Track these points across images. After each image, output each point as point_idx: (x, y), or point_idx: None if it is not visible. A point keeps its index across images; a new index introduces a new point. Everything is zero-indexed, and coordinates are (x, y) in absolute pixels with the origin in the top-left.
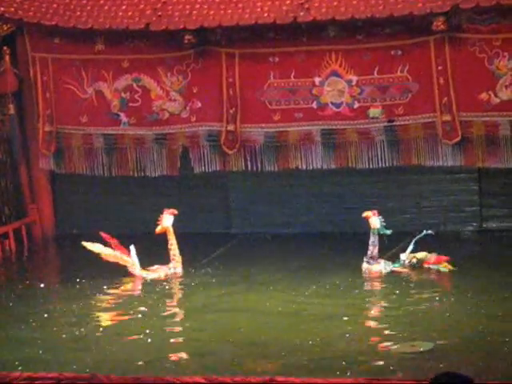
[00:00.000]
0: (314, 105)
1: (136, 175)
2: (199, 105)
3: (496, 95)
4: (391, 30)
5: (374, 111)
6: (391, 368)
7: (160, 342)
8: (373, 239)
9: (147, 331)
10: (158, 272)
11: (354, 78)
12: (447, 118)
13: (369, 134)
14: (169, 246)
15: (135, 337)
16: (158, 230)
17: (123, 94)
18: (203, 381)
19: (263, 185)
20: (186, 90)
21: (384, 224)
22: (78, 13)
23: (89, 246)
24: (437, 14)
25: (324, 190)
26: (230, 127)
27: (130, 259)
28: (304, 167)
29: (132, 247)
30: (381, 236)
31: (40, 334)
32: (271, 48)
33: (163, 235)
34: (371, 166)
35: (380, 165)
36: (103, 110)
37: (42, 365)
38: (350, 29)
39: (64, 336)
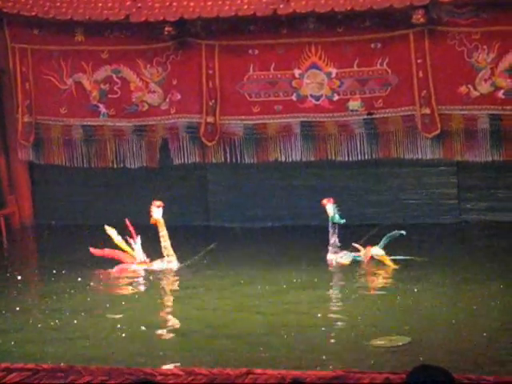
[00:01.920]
0: (294, 97)
1: (115, 167)
2: (179, 97)
3: (475, 89)
4: (371, 23)
5: (354, 104)
6: (371, 362)
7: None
8: (330, 227)
9: (119, 326)
10: (152, 265)
11: (334, 71)
12: (426, 111)
13: (348, 127)
14: (160, 238)
15: (104, 332)
16: (151, 221)
17: (102, 86)
18: (181, 372)
19: (242, 177)
20: (165, 82)
21: (339, 212)
22: (58, 3)
23: (110, 231)
24: (416, 7)
25: (303, 183)
26: (210, 119)
27: (134, 252)
28: (283, 159)
29: (138, 239)
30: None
31: (13, 325)
32: (251, 40)
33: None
34: (350, 159)
35: (359, 157)
36: (82, 102)
37: (15, 356)
38: (329, 21)
39: (38, 327)
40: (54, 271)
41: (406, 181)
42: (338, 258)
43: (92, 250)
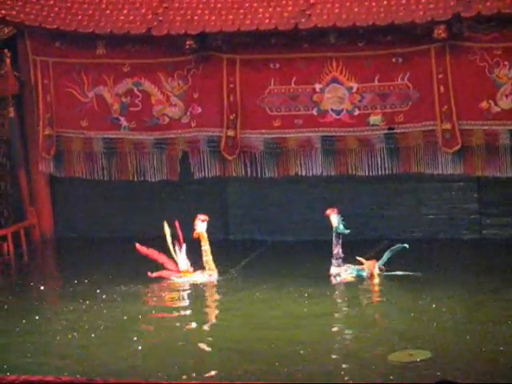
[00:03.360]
0: (315, 111)
1: (136, 180)
2: (199, 110)
3: (496, 104)
4: (392, 38)
5: (375, 118)
6: (391, 378)
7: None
8: (334, 237)
9: (134, 338)
10: (193, 277)
11: (355, 85)
12: (447, 126)
13: (369, 142)
14: (202, 252)
15: (126, 343)
16: (195, 235)
17: (124, 99)
18: None
19: (262, 191)
20: (186, 95)
21: (343, 222)
22: (80, 17)
23: (166, 229)
24: (438, 22)
25: (323, 197)
26: (230, 133)
27: (178, 259)
28: (304, 174)
29: (183, 247)
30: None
31: (31, 338)
32: (272, 54)
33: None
34: (371, 174)
35: (380, 172)
36: (103, 114)
37: (33, 368)
38: (351, 36)
39: (57, 340)
40: (74, 283)
41: (426, 196)
42: (342, 272)
43: (138, 245)
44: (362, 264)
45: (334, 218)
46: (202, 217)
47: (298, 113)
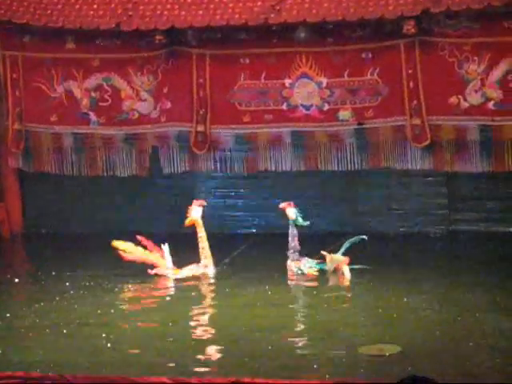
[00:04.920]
0: (284, 106)
1: (105, 175)
2: (169, 105)
3: (465, 99)
4: (362, 33)
5: (344, 114)
6: (361, 371)
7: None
8: (290, 230)
9: (103, 334)
10: (185, 272)
11: (324, 81)
12: (417, 121)
13: (338, 137)
14: (198, 238)
15: (96, 339)
16: (187, 222)
17: (93, 94)
18: (169, 381)
19: (232, 187)
20: (156, 90)
21: (301, 215)
22: (49, 11)
23: (119, 245)
24: (407, 18)
25: (293, 192)
26: (200, 128)
27: (162, 259)
28: (273, 169)
29: (166, 246)
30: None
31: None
32: (242, 49)
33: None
34: (340, 169)
35: (349, 167)
36: (73, 109)
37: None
38: (320, 31)
39: (28, 337)
40: (44, 279)
41: (395, 191)
42: (301, 266)
43: (122, 254)
44: (322, 258)
45: (291, 211)
46: (198, 202)
47: (267, 108)
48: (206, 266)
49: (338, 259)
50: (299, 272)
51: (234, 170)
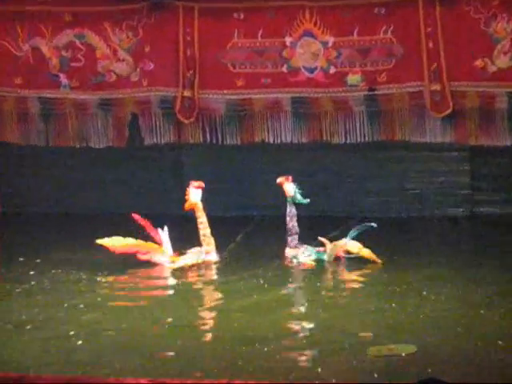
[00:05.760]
0: (284, 69)
1: (77, 146)
2: (151, 66)
3: (493, 62)
4: None
5: (353, 78)
6: (375, 375)
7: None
8: (288, 209)
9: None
10: (185, 259)
11: (331, 40)
12: (436, 87)
13: (346, 104)
14: (198, 225)
15: (64, 336)
16: (186, 206)
17: (64, 53)
18: (147, 382)
19: (223, 161)
20: (136, 49)
21: (300, 191)
22: None
23: (104, 242)
24: None
25: (294, 168)
26: (187, 93)
27: (160, 245)
28: (271, 141)
29: (165, 229)
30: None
31: None
32: (236, 2)
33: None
34: (348, 141)
35: (359, 139)
36: (40, 70)
37: None
38: None
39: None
40: (11, 265)
41: (411, 168)
42: (299, 255)
43: (112, 248)
44: (323, 246)
45: (289, 187)
46: (195, 183)
47: (265, 70)
48: (208, 252)
49: (338, 245)
50: (295, 261)
51: (226, 142)
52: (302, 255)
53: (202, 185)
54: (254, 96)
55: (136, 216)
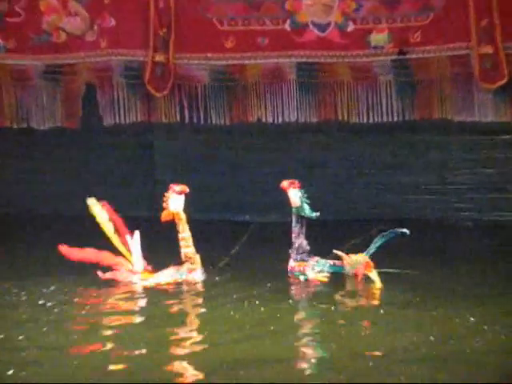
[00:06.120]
0: (287, 26)
1: (16, 127)
2: (112, 23)
3: None
4: None
5: (378, 37)
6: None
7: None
8: (294, 222)
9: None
10: (161, 277)
11: None
12: (487, 49)
13: (369, 72)
14: (179, 239)
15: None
16: (164, 215)
17: None
18: None
19: (207, 148)
20: (92, 1)
21: (307, 201)
22: None
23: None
24: None
25: (300, 157)
26: (159, 57)
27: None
28: (270, 120)
29: (135, 236)
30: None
31: None
32: None
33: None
34: (372, 121)
35: (386, 119)
36: None
37: None
38: None
39: None
40: None
41: (453, 156)
42: (308, 270)
43: (63, 250)
44: (338, 259)
45: (295, 194)
46: (177, 187)
47: (262, 28)
48: (191, 270)
49: (358, 261)
50: (302, 278)
51: (210, 122)
52: (310, 270)
53: (186, 189)
54: (248, 61)
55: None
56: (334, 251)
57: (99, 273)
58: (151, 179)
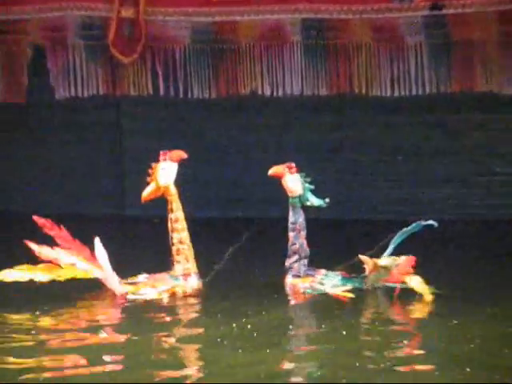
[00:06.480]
0: None
1: None
2: None
3: None
4: None
5: None
6: None
7: None
8: (292, 217)
9: None
10: (149, 288)
11: None
12: None
13: (394, 32)
14: (169, 227)
15: None
16: (149, 192)
17: None
18: None
19: (187, 125)
20: None
21: (311, 187)
22: None
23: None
24: None
25: (305, 140)
26: (127, 12)
27: (99, 264)
28: (267, 93)
29: (96, 241)
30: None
31: None
32: None
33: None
34: (397, 94)
35: (414, 92)
36: None
37: None
38: None
39: None
40: None
41: (500, 139)
42: (316, 285)
43: (36, 218)
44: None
45: (292, 181)
46: (174, 154)
47: None
48: (186, 275)
49: (389, 265)
50: (309, 292)
51: (192, 95)
52: (319, 286)
53: (183, 155)
54: (240, 18)
55: (38, 219)
56: (359, 256)
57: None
58: (118, 168)
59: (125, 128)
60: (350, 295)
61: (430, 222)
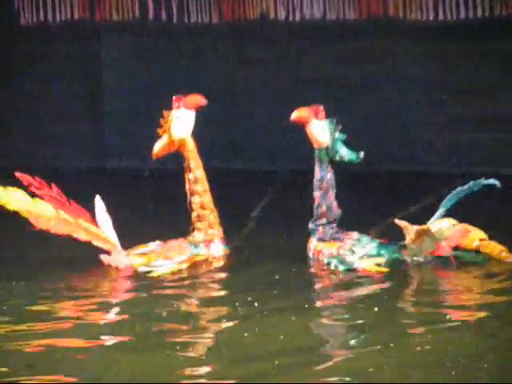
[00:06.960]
0: None
1: None
2: None
3: None
4: None
5: None
6: None
7: None
8: (319, 174)
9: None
10: (168, 259)
11: None
12: None
13: None
14: (187, 188)
15: None
16: (163, 147)
17: None
18: None
19: (179, 58)
20: None
21: (342, 135)
22: None
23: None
24: None
25: (328, 75)
26: None
27: (102, 229)
28: (282, 17)
29: (97, 200)
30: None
31: None
32: None
33: None
34: (442, 18)
35: (463, 15)
36: None
37: None
38: None
39: None
40: None
41: None
42: (343, 254)
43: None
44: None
45: (318, 128)
46: (189, 99)
47: None
48: (208, 239)
49: (440, 233)
50: (339, 267)
51: (188, 19)
52: (349, 254)
53: (201, 101)
54: None
55: (20, 175)
56: (395, 220)
57: (102, 256)
58: (97, 111)
59: (104, 60)
60: (385, 269)
61: (492, 180)
